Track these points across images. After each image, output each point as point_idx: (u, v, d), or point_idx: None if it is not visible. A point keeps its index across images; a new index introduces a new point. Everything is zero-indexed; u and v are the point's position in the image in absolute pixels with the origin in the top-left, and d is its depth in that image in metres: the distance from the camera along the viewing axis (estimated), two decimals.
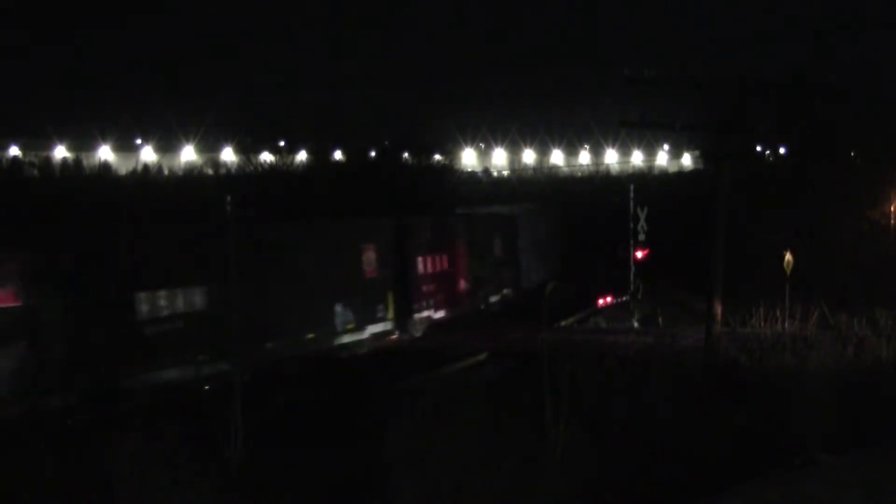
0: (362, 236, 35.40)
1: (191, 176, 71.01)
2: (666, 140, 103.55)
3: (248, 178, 60.34)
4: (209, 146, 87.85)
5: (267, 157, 70.20)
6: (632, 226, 40.34)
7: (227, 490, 17.10)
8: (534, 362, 23.04)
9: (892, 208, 44.68)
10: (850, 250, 41.26)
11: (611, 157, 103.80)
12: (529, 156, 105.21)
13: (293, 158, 67.45)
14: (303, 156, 69.36)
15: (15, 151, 78.10)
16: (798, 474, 18.09)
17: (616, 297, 43.31)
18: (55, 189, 52.06)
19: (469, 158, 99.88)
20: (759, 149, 61.02)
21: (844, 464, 18.45)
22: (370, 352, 33.81)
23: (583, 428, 18.44)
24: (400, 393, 23.68)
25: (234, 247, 21.99)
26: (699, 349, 29.52)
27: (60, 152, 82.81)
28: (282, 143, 72.82)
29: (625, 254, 40.76)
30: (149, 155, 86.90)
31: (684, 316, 38.92)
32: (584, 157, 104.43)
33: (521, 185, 78.02)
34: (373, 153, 69.04)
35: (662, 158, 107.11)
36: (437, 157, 72.29)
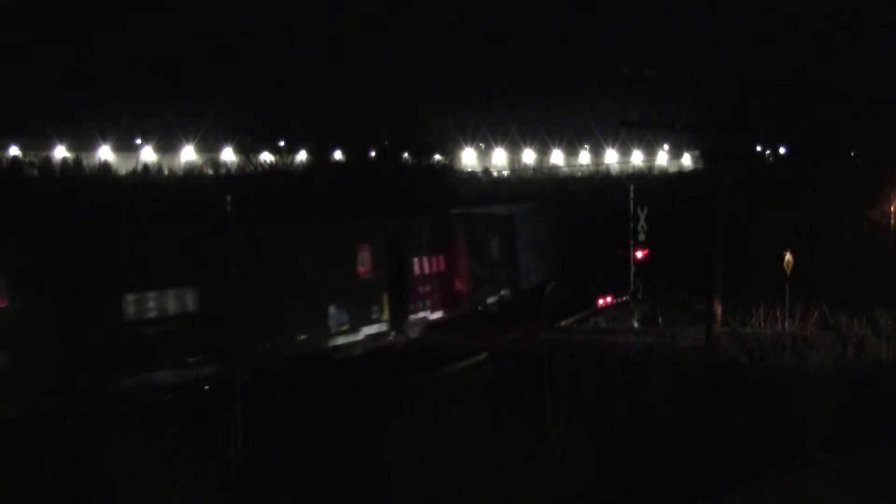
0: (356, 237, 35.11)
1: (191, 176, 70.94)
2: (666, 140, 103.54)
3: (248, 178, 60.28)
4: (209, 146, 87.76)
5: (267, 157, 70.15)
6: (632, 226, 40.35)
7: (227, 490, 17.10)
8: (533, 362, 23.05)
9: (892, 208, 44.67)
10: (850, 250, 41.24)
11: (611, 157, 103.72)
12: (529, 156, 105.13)
13: (293, 158, 67.39)
14: (303, 156, 69.31)
15: (15, 151, 78.05)
16: (798, 474, 18.09)
17: (616, 297, 43.30)
18: (55, 189, 51.96)
19: (469, 158, 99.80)
20: (759, 149, 60.99)
21: (844, 464, 18.45)
22: (370, 352, 33.67)
23: (583, 428, 18.44)
24: (400, 393, 23.67)
25: (233, 247, 21.96)
26: (699, 349, 29.53)
27: (60, 152, 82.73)
28: (282, 143, 72.77)
29: (625, 254, 40.75)
30: (149, 155, 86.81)
31: (684, 316, 38.92)
32: (584, 157, 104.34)
33: (521, 185, 77.97)
34: (373, 153, 69.01)
35: (662, 158, 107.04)
36: (437, 157, 72.26)
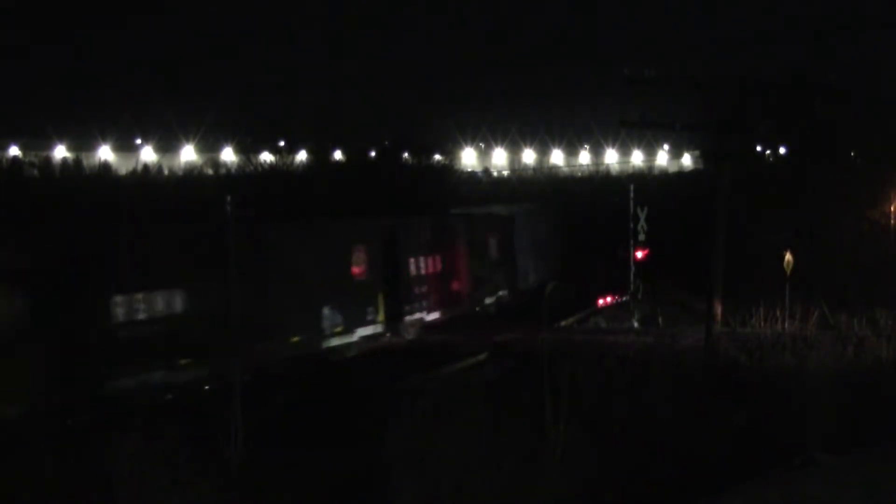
0: (351, 237, 34.75)
1: (191, 176, 70.97)
2: (666, 140, 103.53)
3: (248, 178, 60.28)
4: (209, 146, 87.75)
5: (267, 157, 70.13)
6: (632, 226, 40.36)
7: (227, 490, 17.10)
8: (533, 362, 23.05)
9: (892, 208, 44.66)
10: (850, 250, 41.21)
11: (611, 157, 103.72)
12: (529, 156, 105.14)
13: (293, 158, 67.33)
14: (303, 156, 69.29)
15: (15, 151, 78.06)
16: (798, 474, 18.10)
17: (616, 297, 43.30)
18: (55, 189, 51.95)
19: (469, 158, 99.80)
20: (759, 149, 60.99)
21: (844, 464, 18.45)
22: (367, 352, 33.47)
23: (583, 428, 18.44)
24: (399, 393, 23.66)
25: (233, 247, 21.92)
26: (699, 349, 29.54)
27: (60, 152, 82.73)
28: (282, 143, 72.72)
29: (625, 254, 40.75)
30: (149, 155, 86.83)
31: (684, 316, 38.93)
32: (584, 157, 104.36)
33: (521, 185, 78.00)
34: (373, 153, 69.01)
35: (662, 158, 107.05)
36: (437, 157, 72.25)
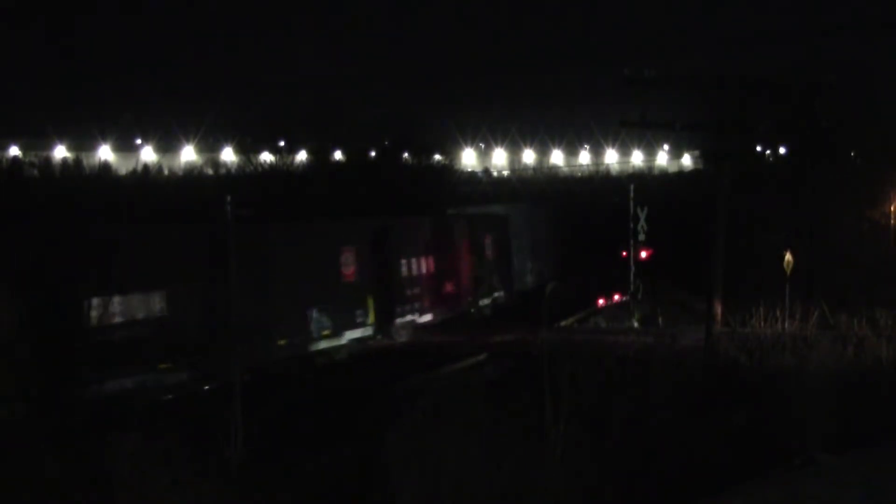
0: (340, 238, 34.47)
1: (191, 176, 70.95)
2: (666, 140, 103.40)
3: (248, 178, 60.29)
4: (209, 146, 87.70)
5: (267, 157, 70.09)
6: (632, 226, 40.35)
7: (227, 490, 17.10)
8: (533, 363, 23.06)
9: (892, 208, 44.63)
10: (850, 250, 41.19)
11: (611, 157, 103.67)
12: (529, 156, 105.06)
13: (293, 158, 67.28)
14: (303, 156, 69.26)
15: (15, 151, 78.02)
16: (798, 474, 18.11)
17: (616, 296, 43.29)
18: (55, 189, 51.90)
19: (469, 158, 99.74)
20: (759, 149, 60.93)
21: (844, 464, 18.47)
22: (359, 355, 33.20)
23: (583, 428, 18.44)
24: (400, 393, 23.69)
25: (233, 248, 21.90)
26: (699, 349, 29.57)
27: (60, 152, 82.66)
28: (282, 143, 72.69)
29: (628, 253, 40.71)
30: (149, 155, 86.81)
31: (684, 316, 38.95)
32: (584, 157, 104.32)
33: (521, 185, 78.00)
34: (373, 153, 68.96)
35: (662, 158, 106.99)
36: (437, 157, 72.19)
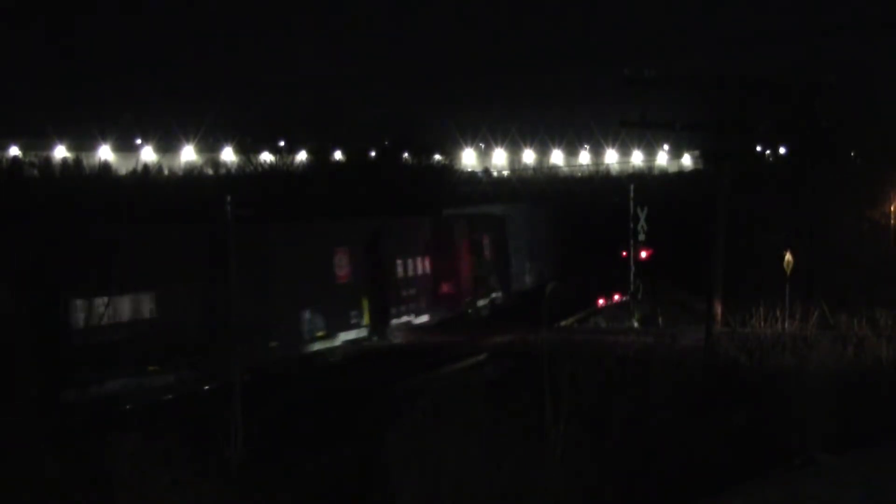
0: (334, 239, 34.29)
1: (191, 176, 70.95)
2: (666, 140, 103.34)
3: (248, 178, 60.30)
4: (209, 146, 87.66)
5: (267, 157, 70.11)
6: (632, 226, 40.35)
7: (227, 489, 17.10)
8: (533, 363, 23.04)
9: (892, 208, 44.63)
10: (850, 250, 41.19)
11: (611, 157, 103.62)
12: (529, 156, 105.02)
13: (293, 158, 67.31)
14: (303, 156, 69.27)
15: (15, 151, 78.00)
16: (798, 474, 18.11)
17: (616, 296, 43.29)
18: (55, 189, 51.90)
19: (469, 158, 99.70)
20: (759, 149, 60.94)
21: (844, 464, 18.47)
22: (366, 353, 33.23)
23: (583, 428, 18.44)
24: (400, 393, 23.68)
25: (233, 248, 21.89)
26: (699, 349, 29.57)
27: (60, 152, 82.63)
28: (282, 143, 72.71)
29: (629, 253, 40.70)
30: (149, 155, 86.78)
31: (684, 316, 38.94)
32: (584, 157, 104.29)
33: (521, 185, 77.99)
34: (373, 153, 68.97)
35: (662, 158, 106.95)
36: (437, 157, 72.20)
